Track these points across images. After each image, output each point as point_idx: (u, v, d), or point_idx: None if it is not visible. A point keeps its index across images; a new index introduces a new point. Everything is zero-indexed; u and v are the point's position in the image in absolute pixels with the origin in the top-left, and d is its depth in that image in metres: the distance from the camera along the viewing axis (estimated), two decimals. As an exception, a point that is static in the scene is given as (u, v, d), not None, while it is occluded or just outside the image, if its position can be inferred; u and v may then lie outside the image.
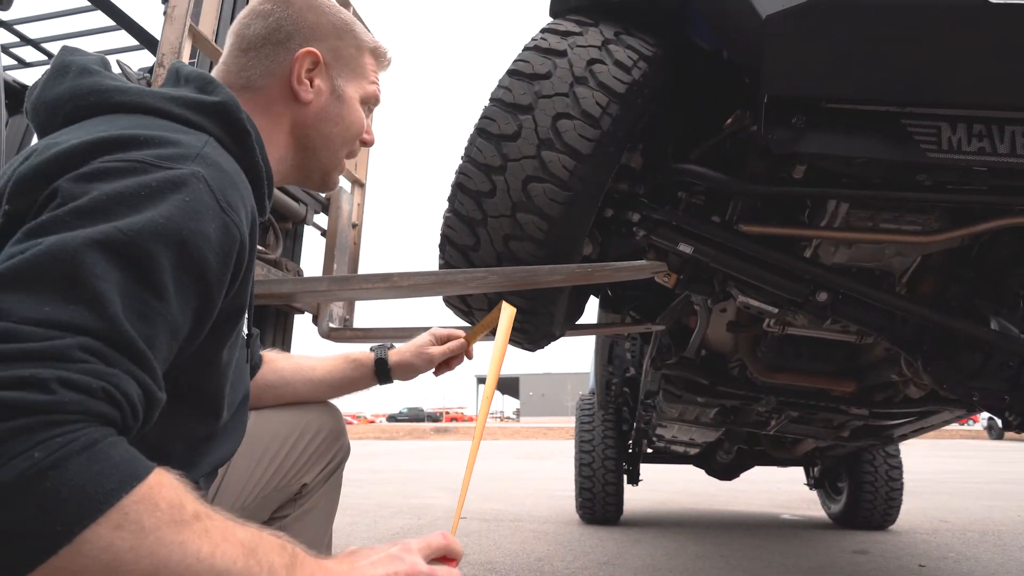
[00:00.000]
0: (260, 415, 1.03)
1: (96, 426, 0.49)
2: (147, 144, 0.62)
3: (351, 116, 0.90)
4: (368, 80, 0.92)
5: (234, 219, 0.64)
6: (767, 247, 1.50)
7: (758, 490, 6.14)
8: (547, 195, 1.30)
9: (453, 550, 0.68)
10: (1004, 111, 1.17)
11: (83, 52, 0.75)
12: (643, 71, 1.36)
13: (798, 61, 1.16)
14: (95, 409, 0.49)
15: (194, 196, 0.60)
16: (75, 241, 0.53)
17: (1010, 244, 1.51)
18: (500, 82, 1.39)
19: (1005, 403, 1.50)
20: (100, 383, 0.49)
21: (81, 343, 0.50)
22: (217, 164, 0.65)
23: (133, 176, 0.58)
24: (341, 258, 2.41)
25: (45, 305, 0.50)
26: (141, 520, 0.48)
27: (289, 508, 1.03)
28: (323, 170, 0.91)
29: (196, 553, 0.50)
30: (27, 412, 0.45)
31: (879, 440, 2.82)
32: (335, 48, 0.88)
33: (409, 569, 0.62)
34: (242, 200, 0.67)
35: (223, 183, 0.64)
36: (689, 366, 2.26)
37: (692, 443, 3.64)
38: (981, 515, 4.27)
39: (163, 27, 1.62)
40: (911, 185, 1.31)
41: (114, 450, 0.49)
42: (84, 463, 0.46)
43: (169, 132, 0.65)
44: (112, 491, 0.47)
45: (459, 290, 1.45)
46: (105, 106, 0.68)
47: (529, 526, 3.78)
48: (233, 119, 0.72)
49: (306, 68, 0.85)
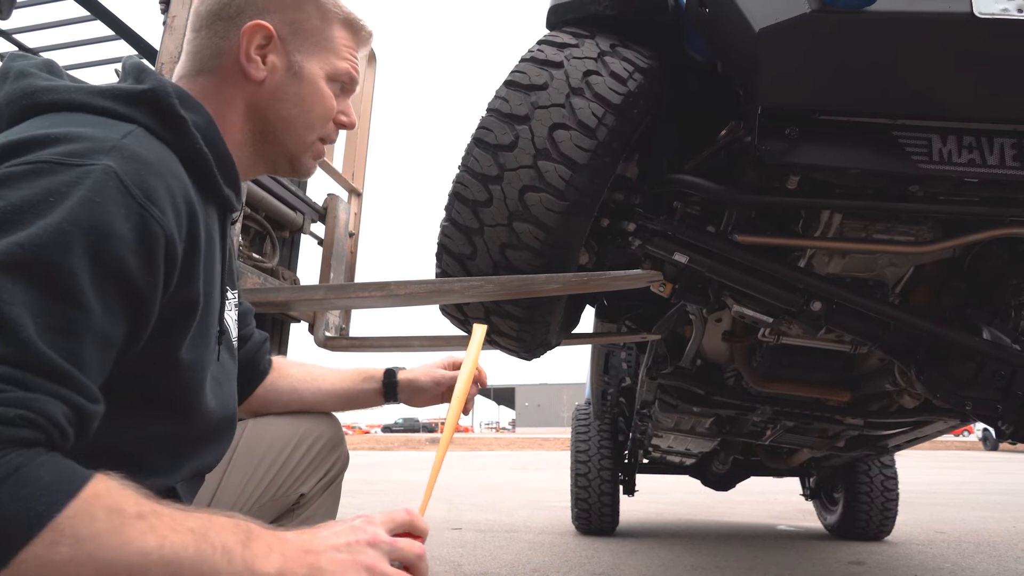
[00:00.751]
0: (257, 423, 1.02)
1: (18, 451, 0.48)
2: (55, 142, 0.58)
3: (313, 95, 0.81)
4: (337, 55, 0.83)
5: (153, 213, 0.59)
6: (762, 257, 1.51)
7: (754, 501, 6.13)
8: (543, 204, 1.31)
9: (417, 526, 0.66)
10: (993, 123, 1.19)
11: (26, 57, 0.72)
12: (638, 83, 1.37)
13: (791, 73, 1.18)
14: (15, 436, 0.48)
15: (103, 194, 0.57)
16: None
17: (1002, 255, 1.53)
18: (497, 93, 1.40)
19: (997, 412, 1.51)
20: (16, 411, 0.49)
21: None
22: (136, 155, 0.61)
23: (37, 179, 0.55)
24: (338, 267, 2.42)
25: None
26: (77, 532, 0.48)
27: (287, 518, 1.01)
28: (289, 156, 0.84)
29: (141, 550, 0.50)
30: None
31: (874, 450, 2.83)
32: (293, 20, 0.80)
33: (371, 538, 0.62)
34: (169, 192, 0.62)
35: (141, 175, 0.60)
36: (685, 376, 2.26)
37: (688, 453, 3.64)
38: (976, 526, 4.27)
39: (162, 36, 1.63)
40: (904, 196, 1.33)
41: (42, 470, 0.48)
42: (9, 490, 0.46)
43: (86, 127, 0.62)
44: (42, 513, 0.47)
45: (456, 299, 1.46)
46: (36, 107, 0.65)
47: (525, 537, 3.76)
48: (163, 105, 0.67)
49: (257, 44, 0.78)
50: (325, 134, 0.86)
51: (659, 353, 2.26)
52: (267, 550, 0.57)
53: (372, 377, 1.11)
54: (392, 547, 0.63)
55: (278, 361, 1.09)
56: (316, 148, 0.86)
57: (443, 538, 3.61)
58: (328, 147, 1.02)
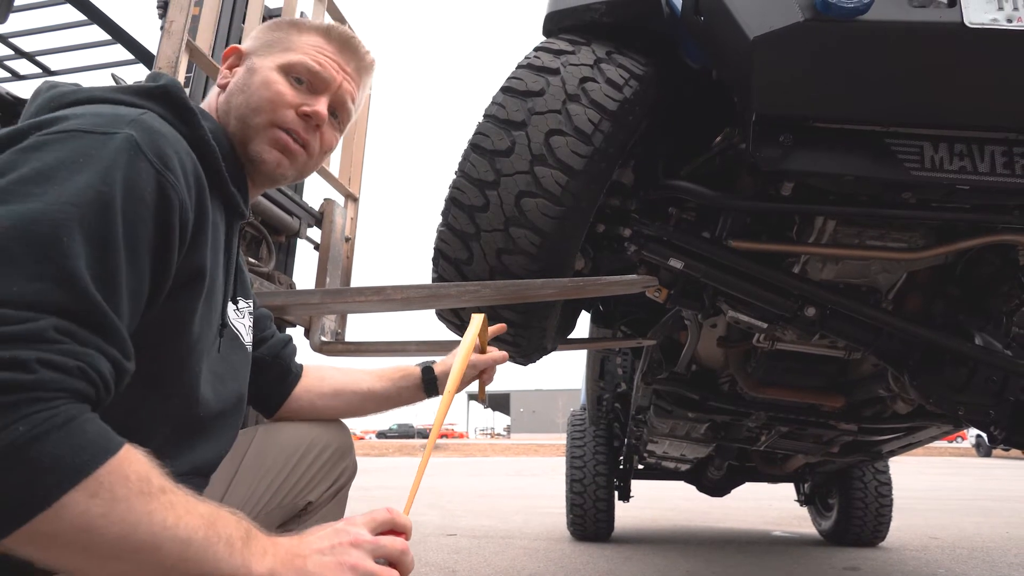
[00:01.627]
0: (267, 430, 1.02)
1: (73, 403, 0.52)
2: (80, 116, 0.64)
3: (259, 82, 0.85)
4: (293, 51, 0.87)
5: (169, 179, 0.64)
6: (756, 263, 1.52)
7: (749, 506, 6.13)
8: (540, 210, 1.32)
9: (398, 523, 0.68)
10: (983, 131, 1.20)
11: (57, 82, 0.78)
12: (634, 89, 1.39)
13: (785, 81, 1.19)
14: (72, 387, 0.52)
15: (131, 160, 0.61)
16: (30, 217, 0.55)
17: (993, 261, 1.54)
18: (494, 99, 1.41)
19: (990, 417, 1.52)
20: (76, 363, 0.53)
21: (56, 324, 0.53)
22: (151, 127, 0.66)
23: (69, 143, 0.61)
24: (334, 271, 2.42)
25: (15, 284, 0.52)
26: (114, 489, 0.52)
27: (293, 524, 1.01)
28: (241, 143, 0.84)
29: (162, 522, 0.54)
30: (11, 390, 0.49)
31: (868, 456, 2.84)
32: (263, 37, 0.89)
33: (353, 539, 0.64)
34: (180, 162, 0.67)
35: (158, 144, 0.65)
36: (680, 381, 2.27)
37: (683, 459, 3.65)
38: (970, 532, 4.28)
39: (160, 42, 1.64)
40: (896, 203, 1.34)
41: (89, 425, 0.52)
42: (63, 437, 0.50)
43: (106, 108, 0.68)
44: (88, 462, 0.51)
45: (452, 303, 1.46)
46: (62, 105, 0.71)
47: (520, 543, 3.76)
48: (174, 97, 0.74)
49: (230, 62, 0.89)
50: (280, 120, 0.85)
51: (654, 358, 2.27)
52: (262, 551, 0.60)
53: (410, 375, 1.14)
54: (375, 545, 0.65)
55: (317, 366, 1.12)
56: (271, 135, 0.85)
57: (438, 544, 3.60)
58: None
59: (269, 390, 1.06)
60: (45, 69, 3.03)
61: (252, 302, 0.99)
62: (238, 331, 0.89)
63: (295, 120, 0.86)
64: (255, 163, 0.86)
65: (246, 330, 0.92)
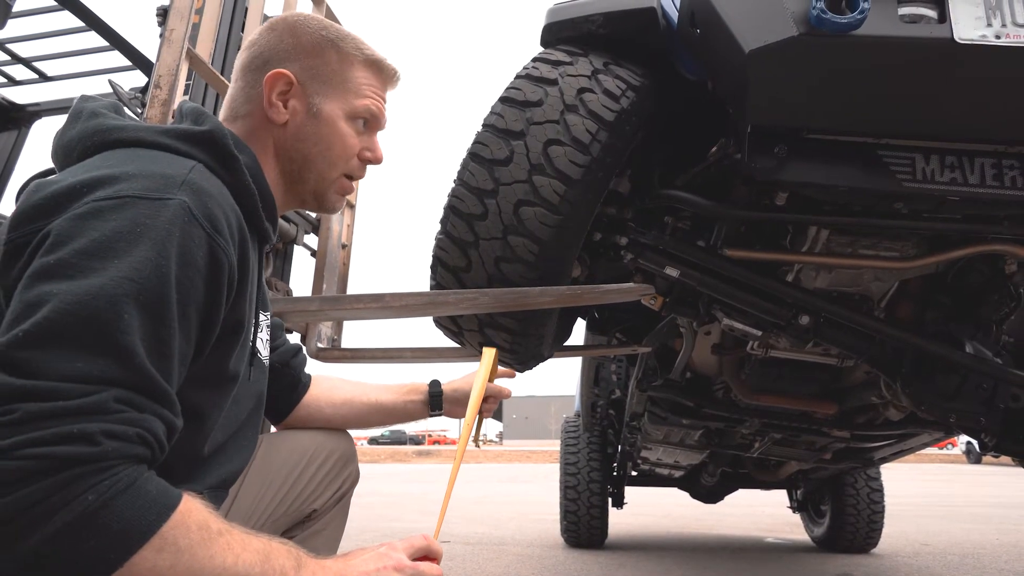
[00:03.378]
0: (272, 439, 1.03)
1: (133, 466, 0.57)
2: (132, 178, 0.65)
3: (332, 135, 0.86)
4: (357, 94, 0.87)
5: (220, 244, 0.67)
6: (751, 271, 1.54)
7: (742, 513, 6.15)
8: (538, 218, 1.33)
9: (433, 550, 0.74)
10: (973, 144, 1.23)
11: (96, 99, 0.79)
12: (631, 100, 1.40)
13: (780, 93, 1.21)
14: (132, 453, 0.57)
15: (184, 228, 0.64)
16: (92, 293, 0.58)
17: (983, 271, 1.56)
18: (493, 108, 1.42)
19: (981, 424, 1.54)
20: (135, 430, 0.58)
21: (116, 395, 0.57)
22: (202, 189, 0.68)
23: (125, 211, 0.62)
24: (330, 278, 2.42)
25: (77, 361, 0.56)
26: (177, 542, 0.57)
27: (297, 530, 1.03)
28: (314, 193, 0.89)
29: (223, 564, 0.60)
30: (80, 462, 0.54)
31: (860, 462, 2.86)
32: (312, 66, 0.85)
33: (396, 564, 0.70)
34: (227, 222, 0.69)
35: (208, 207, 0.67)
36: (674, 388, 2.28)
37: (677, 466, 3.66)
38: (961, 538, 4.31)
39: (160, 49, 1.64)
40: (889, 213, 1.36)
41: (150, 485, 0.58)
42: (128, 501, 0.55)
43: (157, 163, 0.69)
44: (153, 522, 0.56)
45: (450, 311, 1.47)
46: (106, 143, 0.72)
47: (513, 550, 3.75)
48: (220, 145, 0.75)
49: (278, 90, 0.84)
50: (349, 170, 0.90)
51: (649, 365, 2.28)
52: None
53: (417, 390, 1.19)
54: (415, 571, 0.70)
55: (327, 376, 1.15)
56: (340, 184, 0.91)
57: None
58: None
59: (279, 398, 1.08)
60: (42, 75, 3.02)
61: (269, 315, 1.00)
62: (258, 349, 0.90)
63: (358, 165, 0.92)
64: (322, 205, 0.91)
65: (263, 344, 0.93)
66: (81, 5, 2.61)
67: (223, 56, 2.38)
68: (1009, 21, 1.10)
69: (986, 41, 1.09)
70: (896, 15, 1.13)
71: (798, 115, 1.23)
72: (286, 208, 0.92)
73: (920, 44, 1.11)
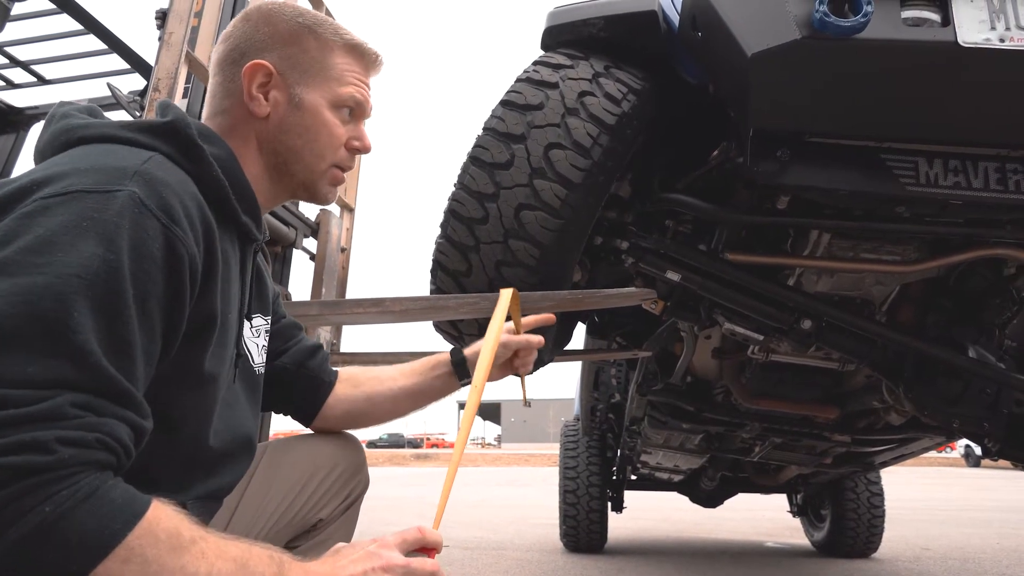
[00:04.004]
0: (277, 447, 1.00)
1: (95, 473, 0.54)
2: (85, 173, 0.62)
3: (317, 124, 0.83)
4: (339, 81, 0.85)
5: (177, 233, 0.63)
6: (752, 275, 1.53)
7: (741, 517, 6.14)
8: (539, 222, 1.33)
9: (428, 541, 0.69)
10: (977, 148, 1.22)
11: (71, 103, 0.77)
12: (632, 103, 1.40)
13: (782, 97, 1.21)
14: (93, 459, 0.54)
15: (135, 219, 0.61)
16: (36, 292, 0.54)
17: (985, 275, 1.56)
18: (493, 112, 1.42)
19: (984, 429, 1.54)
20: (94, 435, 0.54)
21: (72, 400, 0.54)
22: (156, 178, 0.64)
23: (71, 205, 0.59)
24: (329, 282, 2.42)
25: (29, 365, 0.53)
26: (144, 552, 0.54)
27: (303, 540, 0.99)
28: (304, 184, 0.86)
29: (195, 573, 0.56)
30: (34, 472, 0.51)
31: (861, 467, 2.85)
32: (290, 55, 0.83)
33: (385, 563, 0.65)
34: (186, 211, 0.66)
35: (162, 196, 0.64)
36: (675, 392, 2.28)
37: (676, 470, 3.65)
38: (961, 542, 4.30)
39: (159, 53, 1.64)
40: (891, 217, 1.36)
41: (115, 492, 0.54)
42: (90, 510, 0.52)
43: (111, 156, 0.66)
44: (118, 531, 0.53)
45: (450, 315, 1.46)
46: (71, 142, 0.70)
47: (512, 554, 3.74)
48: (181, 135, 0.72)
49: (258, 82, 0.82)
50: (338, 160, 0.88)
51: (649, 370, 2.28)
52: None
53: (440, 362, 1.10)
54: (406, 569, 0.65)
55: (350, 371, 1.09)
56: (331, 175, 0.88)
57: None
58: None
59: (301, 402, 1.04)
60: (40, 78, 3.02)
61: (272, 316, 0.97)
62: (249, 351, 0.87)
63: (347, 156, 0.88)
64: (313, 197, 0.88)
65: (258, 350, 0.90)
66: (80, 8, 2.61)
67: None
68: (1013, 24, 1.09)
69: (990, 44, 1.08)
70: (899, 18, 1.12)
71: (801, 119, 1.22)
72: (276, 202, 0.89)
73: (924, 47, 1.10)
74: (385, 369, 1.11)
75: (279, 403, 1.04)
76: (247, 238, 0.81)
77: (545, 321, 1.14)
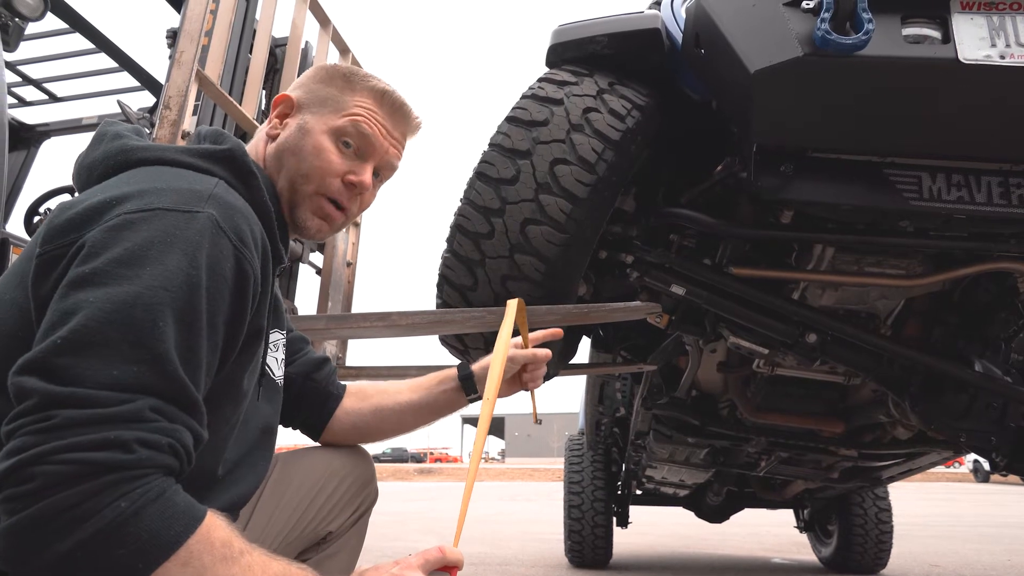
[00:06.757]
0: (287, 460, 1.00)
1: (163, 477, 0.58)
2: (163, 192, 0.67)
3: (310, 146, 0.84)
4: (346, 112, 0.86)
5: (246, 255, 0.68)
6: (757, 289, 1.53)
7: (747, 533, 6.08)
8: (544, 237, 1.34)
9: (449, 559, 0.70)
10: (980, 162, 1.23)
11: (118, 123, 0.81)
12: (636, 119, 1.41)
13: (785, 113, 1.22)
14: (163, 463, 0.58)
15: (213, 239, 0.65)
16: (127, 301, 0.58)
17: (990, 288, 1.56)
18: (499, 128, 1.44)
19: (992, 444, 1.53)
20: (167, 439, 0.58)
21: (151, 404, 0.58)
22: (228, 203, 0.70)
23: (155, 222, 0.63)
24: (335, 296, 2.43)
25: (114, 368, 0.57)
26: (202, 557, 0.57)
27: (312, 552, 1.00)
28: (288, 205, 0.85)
29: None
30: (114, 469, 0.55)
31: (868, 481, 2.83)
32: (315, 90, 0.88)
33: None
34: (252, 234, 0.71)
35: (235, 220, 0.69)
36: (680, 406, 2.27)
37: (682, 484, 3.62)
38: (971, 559, 4.25)
39: (169, 71, 1.66)
40: (894, 231, 1.36)
41: (178, 496, 0.58)
42: (158, 511, 0.56)
43: (183, 179, 0.70)
44: (180, 534, 0.56)
45: (456, 329, 1.47)
46: (129, 163, 0.74)
47: (517, 570, 3.71)
48: (238, 163, 0.77)
49: (279, 110, 0.89)
50: (326, 189, 0.86)
51: (654, 383, 2.27)
52: None
53: (447, 378, 1.09)
54: None
55: (358, 386, 1.11)
56: (316, 202, 0.86)
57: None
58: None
59: (309, 414, 1.05)
60: (52, 96, 3.06)
61: (286, 331, 1.00)
62: (270, 368, 0.89)
63: (339, 189, 0.87)
64: (297, 226, 0.87)
65: (277, 364, 0.93)
66: (91, 27, 2.65)
67: (231, 77, 2.41)
68: (1013, 41, 1.11)
69: (990, 61, 1.10)
70: (900, 36, 1.14)
71: (803, 135, 1.23)
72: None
73: (925, 64, 1.12)
74: (393, 384, 1.12)
75: (286, 415, 1.05)
76: (277, 260, 0.84)
77: (552, 336, 1.14)
